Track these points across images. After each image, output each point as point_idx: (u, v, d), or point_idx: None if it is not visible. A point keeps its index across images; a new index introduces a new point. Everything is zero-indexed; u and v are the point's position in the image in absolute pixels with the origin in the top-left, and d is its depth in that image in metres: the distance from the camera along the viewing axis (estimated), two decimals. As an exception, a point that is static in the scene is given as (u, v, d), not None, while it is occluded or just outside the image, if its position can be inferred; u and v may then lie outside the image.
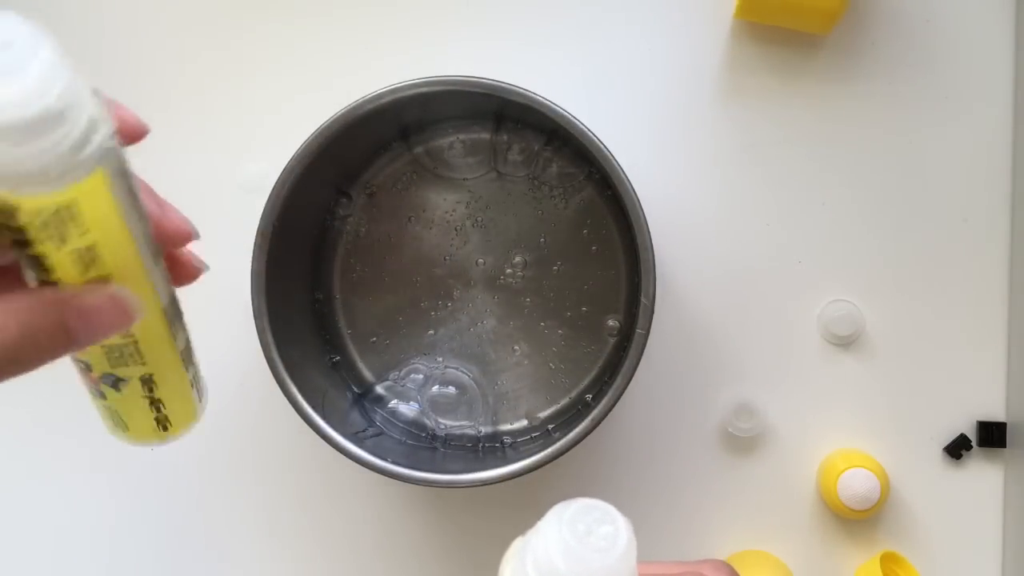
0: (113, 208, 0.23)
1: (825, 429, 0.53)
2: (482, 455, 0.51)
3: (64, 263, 0.23)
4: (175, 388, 0.30)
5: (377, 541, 0.55)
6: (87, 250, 0.23)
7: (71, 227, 0.22)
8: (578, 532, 0.27)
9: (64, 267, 0.23)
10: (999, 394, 0.53)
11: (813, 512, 0.53)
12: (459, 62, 0.51)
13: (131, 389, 0.29)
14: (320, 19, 0.55)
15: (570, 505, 0.28)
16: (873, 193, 0.53)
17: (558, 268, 0.52)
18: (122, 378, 0.28)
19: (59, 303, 0.24)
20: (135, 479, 0.56)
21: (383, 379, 0.53)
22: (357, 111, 0.46)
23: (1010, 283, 0.53)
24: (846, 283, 0.53)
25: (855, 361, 0.53)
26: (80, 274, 0.24)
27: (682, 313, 0.54)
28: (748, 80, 0.53)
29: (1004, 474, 0.53)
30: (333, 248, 0.53)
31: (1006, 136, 0.53)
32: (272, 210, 0.46)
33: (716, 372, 0.54)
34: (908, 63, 0.53)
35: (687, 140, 0.54)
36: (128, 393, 0.29)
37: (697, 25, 0.54)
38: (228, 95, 0.55)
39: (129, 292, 0.25)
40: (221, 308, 0.55)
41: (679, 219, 0.54)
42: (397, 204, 0.53)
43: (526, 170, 0.52)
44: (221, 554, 0.56)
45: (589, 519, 0.28)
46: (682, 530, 0.54)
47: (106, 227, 0.23)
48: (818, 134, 0.53)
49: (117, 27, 0.56)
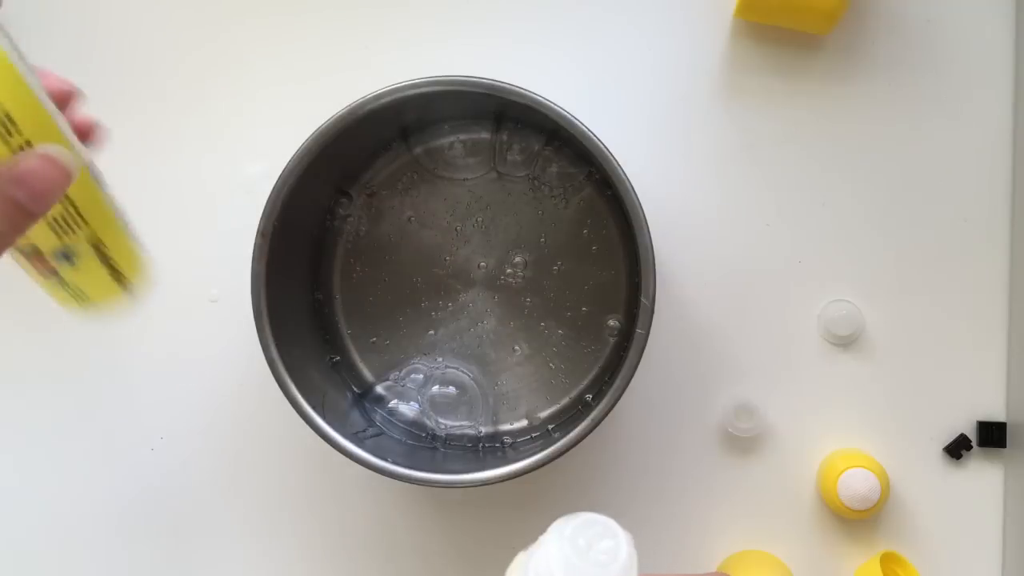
0: (13, 72, 0.24)
1: (825, 429, 0.53)
2: (482, 455, 0.51)
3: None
4: (122, 243, 0.31)
5: (377, 541, 0.55)
6: (2, 119, 0.24)
7: None
8: (579, 547, 0.28)
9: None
10: (999, 394, 0.53)
11: (813, 512, 0.53)
12: (459, 62, 0.51)
13: (84, 256, 0.29)
14: (320, 19, 0.55)
15: (572, 520, 0.28)
16: (873, 193, 0.53)
17: (558, 268, 0.52)
18: (72, 249, 0.29)
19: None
20: (135, 478, 0.56)
21: (383, 379, 0.53)
22: (357, 111, 0.46)
23: (1010, 283, 0.53)
24: (846, 283, 0.53)
25: (855, 361, 0.53)
26: (3, 147, 0.24)
27: (682, 313, 0.54)
28: (748, 80, 0.53)
29: (1004, 474, 0.53)
30: (333, 248, 0.53)
31: (1006, 136, 0.53)
32: (272, 210, 0.46)
33: (716, 372, 0.54)
34: (908, 63, 0.53)
35: (687, 140, 0.54)
36: (82, 262, 0.29)
37: (697, 25, 0.54)
38: (228, 96, 0.55)
39: (58, 148, 0.26)
40: (221, 308, 0.55)
41: (679, 219, 0.54)
42: (397, 204, 0.53)
43: (526, 170, 0.52)
44: (221, 554, 0.56)
45: (590, 533, 0.28)
46: (682, 530, 0.54)
47: (13, 92, 0.24)
48: (818, 134, 0.53)
49: (117, 27, 0.56)
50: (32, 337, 0.56)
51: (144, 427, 0.55)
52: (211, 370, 0.55)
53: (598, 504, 0.54)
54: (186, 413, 0.55)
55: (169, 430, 0.56)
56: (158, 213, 0.55)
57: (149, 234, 0.55)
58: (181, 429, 0.56)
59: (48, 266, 0.29)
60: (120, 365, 0.55)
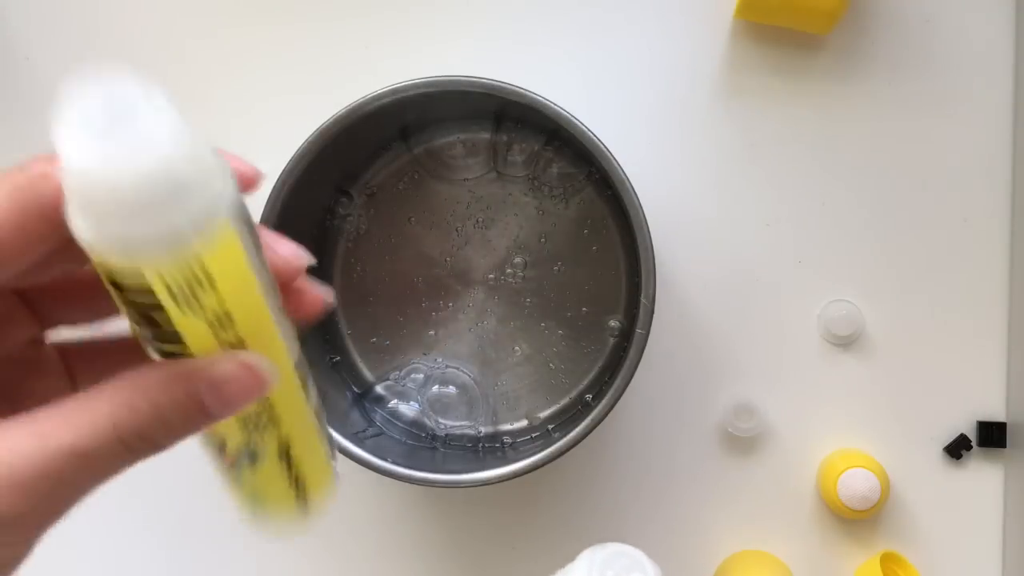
0: (244, 267, 0.21)
1: (825, 429, 0.53)
2: (482, 455, 0.51)
3: (194, 331, 0.21)
4: (313, 454, 0.27)
5: (377, 541, 0.55)
6: (219, 315, 0.21)
7: (202, 292, 0.20)
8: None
9: (194, 335, 0.21)
10: (999, 394, 0.53)
11: (813, 512, 0.53)
12: (459, 62, 0.51)
13: (267, 460, 0.26)
14: (320, 19, 0.55)
15: (601, 550, 0.28)
16: (873, 193, 0.53)
17: (559, 268, 0.52)
18: (258, 450, 0.25)
19: (190, 377, 0.21)
20: (134, 478, 0.56)
21: (383, 379, 0.53)
22: (357, 111, 0.46)
23: (1010, 283, 0.53)
24: (846, 283, 0.53)
25: (855, 361, 0.53)
26: (211, 342, 0.21)
27: (682, 313, 0.54)
28: (748, 80, 0.53)
29: (1004, 474, 0.53)
30: (333, 248, 0.53)
31: (1006, 136, 0.53)
32: (272, 211, 0.46)
33: (716, 372, 0.54)
34: (908, 63, 0.53)
35: (687, 140, 0.54)
36: (263, 465, 0.26)
37: (697, 25, 0.54)
38: (227, 96, 0.55)
39: (262, 357, 0.22)
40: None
41: (679, 219, 0.54)
42: (397, 204, 0.53)
43: (526, 170, 0.52)
44: (221, 554, 0.56)
45: (619, 565, 0.28)
46: (682, 530, 0.54)
47: (238, 288, 0.21)
48: (818, 134, 0.53)
49: (116, 27, 0.56)
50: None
51: (144, 427, 0.55)
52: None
53: (598, 503, 0.54)
54: (186, 413, 0.55)
55: (169, 430, 0.55)
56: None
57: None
58: (181, 429, 0.55)
59: (233, 466, 0.26)
60: (120, 365, 0.55)
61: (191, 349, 0.21)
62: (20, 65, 0.55)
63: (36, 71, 0.56)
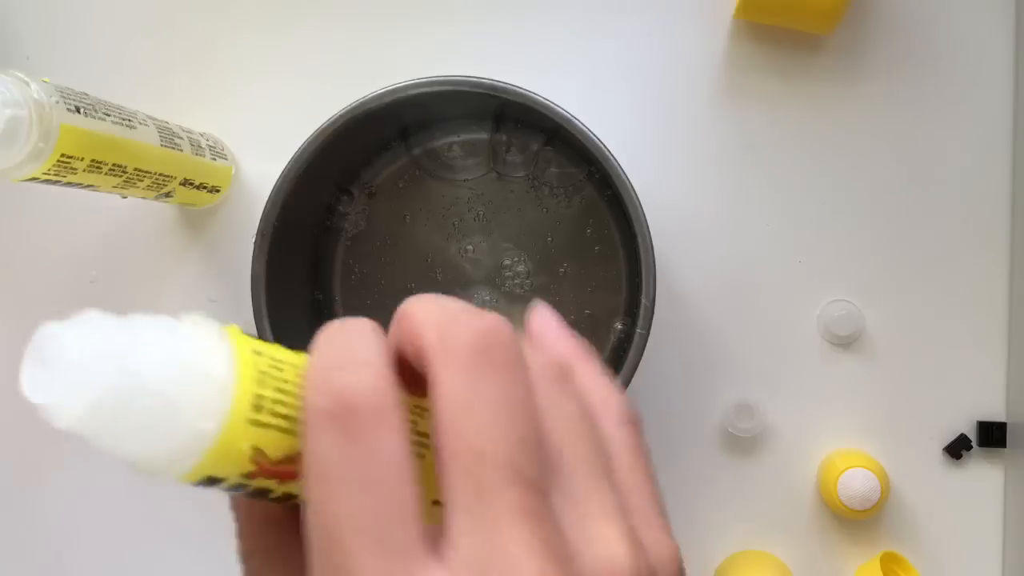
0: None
1: (825, 429, 0.53)
2: (482, 455, 0.51)
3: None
4: None
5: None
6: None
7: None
8: None
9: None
10: (999, 394, 0.53)
11: (813, 512, 0.53)
12: (459, 62, 0.51)
13: None
14: (320, 19, 0.55)
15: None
16: (873, 193, 0.53)
17: (560, 270, 0.52)
18: None
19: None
20: (134, 479, 0.56)
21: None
22: (357, 111, 0.46)
23: (1010, 283, 0.53)
24: (846, 283, 0.53)
25: (855, 361, 0.53)
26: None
27: (682, 313, 0.54)
28: (748, 80, 0.53)
29: (1004, 474, 0.53)
30: (333, 249, 0.53)
31: (1006, 136, 0.53)
32: (272, 211, 0.46)
33: (716, 372, 0.54)
34: (909, 63, 0.53)
35: (687, 140, 0.54)
36: None
37: (697, 25, 0.54)
38: (227, 95, 0.55)
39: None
40: (221, 308, 0.55)
41: (679, 219, 0.54)
42: (397, 205, 0.53)
43: (525, 170, 0.52)
44: (221, 554, 0.56)
45: None
46: (682, 529, 0.54)
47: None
48: (818, 134, 0.53)
49: (116, 28, 0.56)
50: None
51: (144, 427, 0.55)
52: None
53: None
54: (186, 413, 0.55)
55: (169, 430, 0.55)
56: (158, 213, 0.55)
57: (149, 234, 0.55)
58: (181, 429, 0.55)
59: None
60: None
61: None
62: (20, 65, 0.55)
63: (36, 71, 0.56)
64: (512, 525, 0.17)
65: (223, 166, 0.52)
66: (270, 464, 0.19)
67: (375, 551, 0.17)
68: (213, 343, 0.19)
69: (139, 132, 0.42)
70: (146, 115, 0.45)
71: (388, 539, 0.17)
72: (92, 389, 0.17)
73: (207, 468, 0.18)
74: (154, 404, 0.17)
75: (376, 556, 0.17)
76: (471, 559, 0.17)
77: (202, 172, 0.49)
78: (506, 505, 0.17)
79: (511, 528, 0.17)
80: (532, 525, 0.17)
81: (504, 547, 0.17)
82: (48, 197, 0.55)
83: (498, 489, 0.17)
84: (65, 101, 0.37)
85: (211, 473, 0.18)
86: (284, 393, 0.19)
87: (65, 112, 0.37)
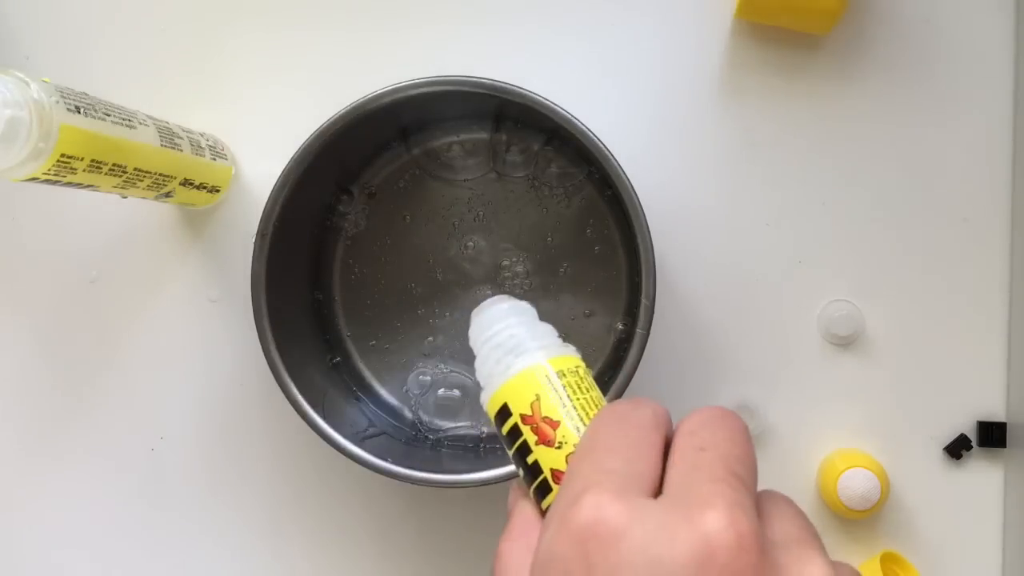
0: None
1: (825, 429, 0.53)
2: (483, 455, 0.51)
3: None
4: None
5: (377, 541, 0.55)
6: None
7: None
8: None
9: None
10: (999, 394, 0.53)
11: (813, 512, 0.53)
12: (459, 62, 0.51)
13: None
14: (320, 19, 0.55)
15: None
16: (873, 193, 0.53)
17: (564, 270, 0.52)
18: None
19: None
20: (135, 479, 0.56)
21: (384, 380, 0.53)
22: (357, 111, 0.46)
23: (1010, 283, 0.53)
24: (846, 283, 0.53)
25: (855, 361, 0.53)
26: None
27: (682, 313, 0.54)
28: (748, 80, 0.53)
29: (1004, 474, 0.53)
30: (333, 249, 0.53)
31: (1006, 136, 0.53)
32: (272, 211, 0.46)
33: (716, 372, 0.54)
34: (908, 63, 0.53)
35: (687, 140, 0.54)
36: None
37: (697, 25, 0.54)
38: (227, 95, 0.55)
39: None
40: (221, 308, 0.55)
41: (679, 219, 0.54)
42: (397, 205, 0.53)
43: (525, 170, 0.52)
44: (221, 554, 0.56)
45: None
46: (682, 530, 0.54)
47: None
48: (818, 134, 0.53)
49: (116, 28, 0.56)
50: (33, 338, 0.56)
51: (144, 427, 0.55)
52: (211, 370, 0.55)
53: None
54: (186, 413, 0.55)
55: (169, 430, 0.56)
56: (158, 213, 0.55)
57: (149, 234, 0.55)
58: (181, 429, 0.56)
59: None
60: (120, 366, 0.55)
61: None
62: (20, 65, 0.55)
63: (36, 71, 0.56)
64: (714, 482, 0.22)
65: (223, 166, 0.52)
66: (540, 416, 0.26)
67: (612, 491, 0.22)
68: (563, 351, 0.30)
69: (139, 132, 0.43)
70: (146, 115, 0.44)
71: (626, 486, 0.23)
72: None
73: (506, 394, 0.27)
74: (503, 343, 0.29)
75: (612, 493, 0.22)
76: (675, 496, 0.22)
77: (202, 172, 0.50)
78: (713, 475, 0.23)
79: (713, 485, 0.22)
80: (733, 494, 0.22)
81: (703, 498, 0.22)
82: (48, 197, 0.55)
83: (711, 465, 0.23)
84: (65, 101, 0.37)
85: (506, 400, 0.27)
86: (576, 391, 0.27)
87: (65, 112, 0.37)
